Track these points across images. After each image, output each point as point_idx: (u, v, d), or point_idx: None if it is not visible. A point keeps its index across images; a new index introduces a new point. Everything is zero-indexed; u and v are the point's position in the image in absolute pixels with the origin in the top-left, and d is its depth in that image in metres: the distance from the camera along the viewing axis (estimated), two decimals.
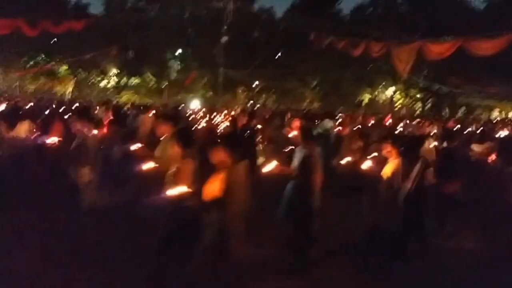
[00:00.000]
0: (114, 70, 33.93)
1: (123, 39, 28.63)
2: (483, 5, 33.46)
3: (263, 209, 6.08)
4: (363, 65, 28.03)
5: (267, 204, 5.44)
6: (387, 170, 5.04)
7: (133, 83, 34.78)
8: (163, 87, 34.09)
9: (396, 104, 34.20)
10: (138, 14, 28.55)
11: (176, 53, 34.61)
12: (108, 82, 34.89)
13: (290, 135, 7.81)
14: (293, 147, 6.19)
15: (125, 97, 32.63)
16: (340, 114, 16.82)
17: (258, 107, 25.69)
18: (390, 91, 33.87)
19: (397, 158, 5.06)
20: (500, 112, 34.29)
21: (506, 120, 23.88)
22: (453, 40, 12.15)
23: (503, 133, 12.06)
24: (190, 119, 13.20)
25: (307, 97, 36.56)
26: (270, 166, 4.80)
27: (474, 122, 19.16)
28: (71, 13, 29.72)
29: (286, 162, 5.33)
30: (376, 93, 35.16)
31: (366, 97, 35.73)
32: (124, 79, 34.64)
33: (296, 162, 5.07)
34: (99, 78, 34.70)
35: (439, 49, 12.11)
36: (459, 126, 14.28)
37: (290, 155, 5.64)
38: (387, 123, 14.64)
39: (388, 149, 5.12)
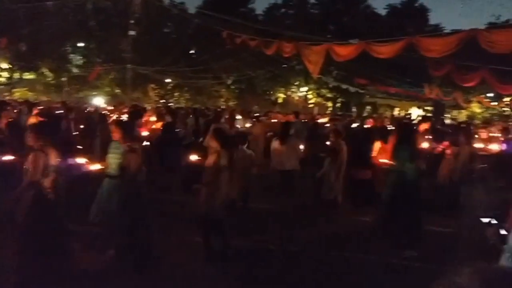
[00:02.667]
0: (5, 65, 30.03)
1: (14, 31, 25.30)
2: (384, 11, 36.01)
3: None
4: (277, 65, 28.23)
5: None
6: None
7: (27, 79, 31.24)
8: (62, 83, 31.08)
9: (309, 103, 35.21)
10: (32, 3, 25.41)
11: (78, 47, 31.74)
12: None
13: None
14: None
15: (18, 94, 29.12)
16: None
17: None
18: (303, 90, 34.73)
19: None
20: (400, 110, 37.12)
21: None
22: (356, 44, 12.41)
23: None
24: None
25: (222, 95, 36.05)
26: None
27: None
28: None
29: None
30: (290, 92, 35.86)
31: (281, 96, 36.28)
32: (17, 74, 30.87)
33: (112, 158, 5.11)
34: None
35: (344, 52, 12.28)
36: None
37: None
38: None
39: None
